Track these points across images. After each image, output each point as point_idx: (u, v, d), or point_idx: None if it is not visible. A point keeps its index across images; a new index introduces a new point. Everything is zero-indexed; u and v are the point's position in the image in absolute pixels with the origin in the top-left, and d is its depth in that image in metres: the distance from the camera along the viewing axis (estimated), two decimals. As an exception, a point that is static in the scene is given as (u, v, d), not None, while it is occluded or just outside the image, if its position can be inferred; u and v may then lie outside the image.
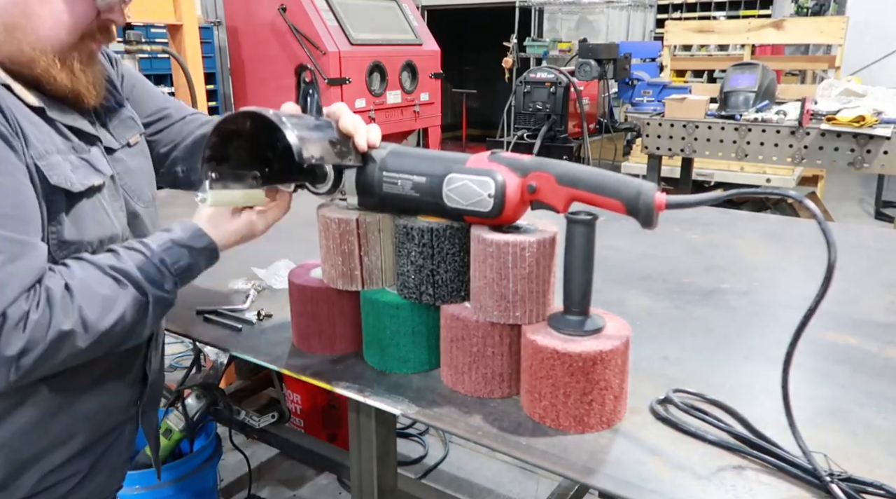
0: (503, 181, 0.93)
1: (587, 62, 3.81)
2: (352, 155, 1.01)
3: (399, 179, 1.00)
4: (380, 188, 1.01)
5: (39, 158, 0.93)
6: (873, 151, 2.85)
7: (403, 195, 0.99)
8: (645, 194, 0.84)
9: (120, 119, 1.14)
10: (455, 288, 1.01)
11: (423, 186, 0.98)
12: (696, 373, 1.09)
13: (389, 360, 1.09)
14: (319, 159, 0.95)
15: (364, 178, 1.03)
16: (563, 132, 3.86)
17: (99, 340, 0.90)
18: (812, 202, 0.77)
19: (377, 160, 1.02)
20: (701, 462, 0.86)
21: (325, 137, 0.99)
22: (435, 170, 0.97)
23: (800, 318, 0.76)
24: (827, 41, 5.37)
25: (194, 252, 1.00)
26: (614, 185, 0.87)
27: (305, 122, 0.98)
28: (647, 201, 0.84)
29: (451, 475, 2.68)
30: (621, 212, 0.87)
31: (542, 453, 0.88)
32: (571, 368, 0.89)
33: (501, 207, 0.93)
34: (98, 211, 1.01)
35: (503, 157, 0.96)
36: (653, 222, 0.85)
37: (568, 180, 0.90)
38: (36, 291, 0.85)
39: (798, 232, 1.96)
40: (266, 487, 2.65)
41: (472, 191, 0.94)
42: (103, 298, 0.90)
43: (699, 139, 3.29)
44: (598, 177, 0.89)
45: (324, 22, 4.69)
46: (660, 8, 7.93)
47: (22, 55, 0.95)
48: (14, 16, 0.93)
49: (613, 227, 1.92)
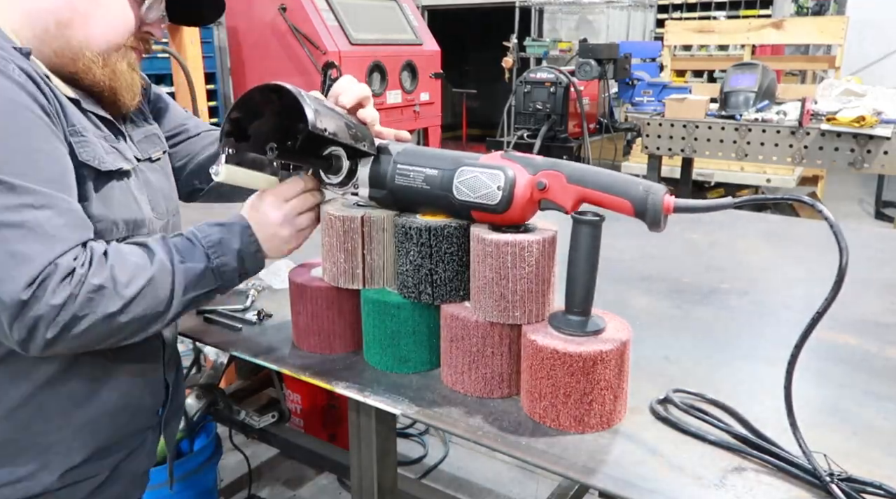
0: (513, 175, 0.93)
1: (587, 62, 3.81)
2: (367, 141, 1.03)
3: (412, 171, 1.01)
4: (392, 180, 1.02)
5: (73, 135, 0.97)
6: (873, 151, 2.85)
7: (414, 187, 1.01)
8: (654, 196, 0.84)
9: (146, 134, 1.17)
10: (454, 288, 1.01)
11: (434, 179, 0.99)
12: (696, 373, 1.09)
13: (390, 360, 1.09)
14: (332, 134, 0.96)
15: (378, 169, 1.04)
16: (563, 132, 3.85)
17: (128, 304, 0.92)
18: (821, 205, 0.76)
19: (392, 153, 1.04)
20: (701, 463, 0.86)
21: (342, 119, 1.00)
22: (447, 163, 0.99)
23: (800, 318, 0.76)
24: (827, 41, 5.38)
25: (226, 228, 1.03)
26: (623, 185, 0.87)
27: (325, 103, 1.00)
28: (656, 203, 0.84)
29: (451, 475, 2.68)
30: (629, 214, 0.87)
31: (542, 453, 0.88)
32: (571, 368, 0.89)
33: (510, 201, 0.93)
34: (126, 195, 1.05)
35: (516, 155, 0.97)
36: (660, 224, 0.85)
37: (577, 179, 0.90)
38: (83, 249, 0.90)
39: (798, 232, 1.96)
40: (266, 487, 2.65)
41: (481, 183, 0.95)
42: (134, 264, 0.94)
43: (699, 139, 3.29)
44: (607, 177, 0.89)
45: (324, 22, 4.69)
46: (660, 8, 7.91)
47: (68, 50, 1.00)
48: (69, 13, 0.98)
49: (614, 227, 1.92)
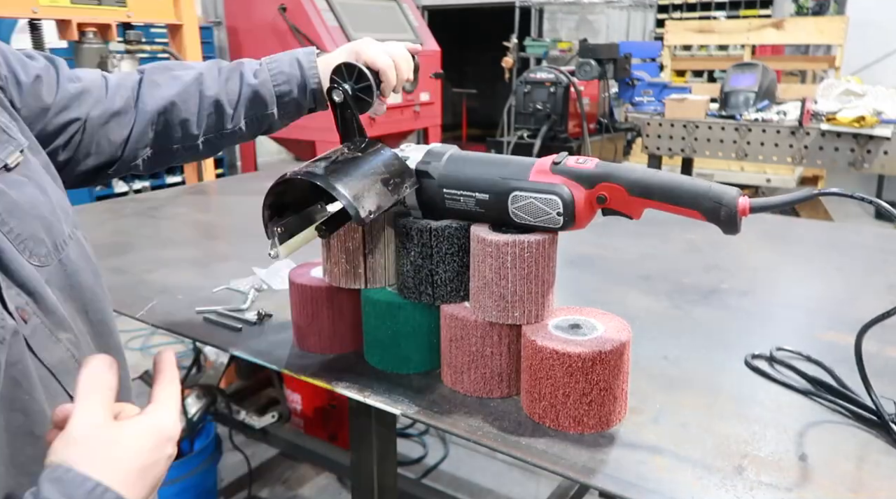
0: (571, 197, 0.89)
1: (587, 62, 3.81)
2: (407, 181, 0.97)
3: (461, 196, 0.96)
4: (442, 204, 0.99)
5: None
6: (873, 151, 2.85)
7: (468, 210, 0.97)
8: (728, 203, 0.82)
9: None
10: (454, 288, 1.01)
11: (487, 203, 0.95)
12: (696, 373, 1.09)
13: (390, 360, 1.09)
14: (377, 211, 0.91)
15: (424, 196, 1.00)
16: (563, 132, 3.85)
17: None
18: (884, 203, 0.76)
19: (435, 176, 0.98)
20: (701, 462, 0.86)
21: (377, 177, 0.94)
22: (497, 186, 0.94)
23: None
24: (827, 41, 5.37)
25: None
26: (692, 194, 0.84)
27: (353, 166, 0.93)
28: (731, 210, 0.82)
29: (451, 475, 2.68)
30: (700, 219, 0.84)
31: (542, 453, 0.88)
32: (571, 368, 0.89)
33: (572, 221, 0.91)
34: None
35: (568, 167, 0.91)
36: (737, 228, 0.83)
37: (640, 191, 0.87)
38: None
39: (798, 232, 1.96)
40: (266, 487, 2.65)
41: (539, 209, 0.92)
42: None
43: (699, 139, 3.30)
44: (672, 186, 0.85)
45: (324, 22, 4.70)
46: (660, 8, 7.91)
47: None
48: None
49: (614, 227, 1.93)
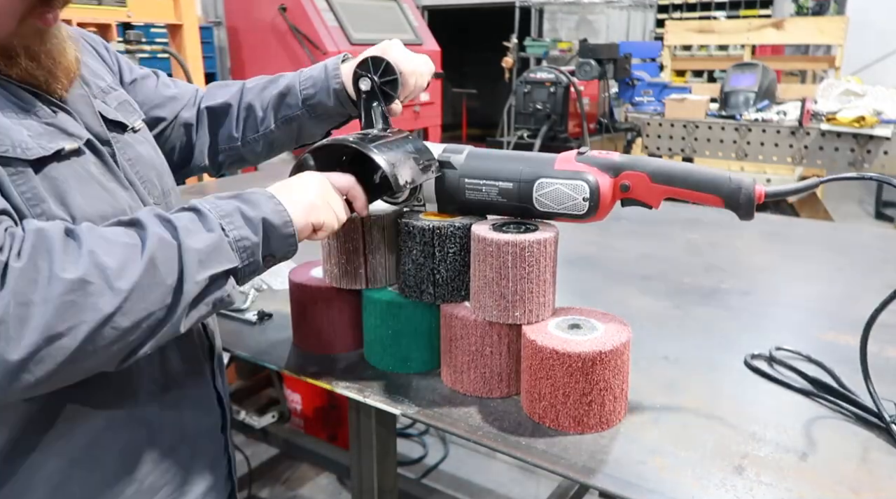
0: (597, 183, 0.92)
1: (587, 62, 3.80)
2: (432, 165, 0.99)
3: (483, 185, 0.98)
4: (462, 195, 1.00)
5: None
6: (873, 151, 2.85)
7: (488, 201, 0.99)
8: (746, 190, 0.88)
9: (118, 101, 1.00)
10: (456, 287, 1.01)
11: (510, 192, 0.97)
12: (696, 373, 1.09)
13: (390, 359, 1.09)
14: (412, 183, 0.94)
15: (444, 185, 1.01)
16: (563, 132, 3.84)
17: (129, 302, 0.68)
18: None
19: (457, 167, 1.00)
20: (701, 463, 0.86)
21: (409, 155, 0.96)
22: (522, 175, 0.96)
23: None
24: (827, 41, 5.37)
25: (241, 198, 0.82)
26: (711, 181, 0.89)
27: (384, 142, 0.96)
28: (749, 196, 0.88)
29: (451, 475, 2.68)
30: (719, 206, 0.90)
31: (542, 453, 0.88)
32: (571, 368, 0.89)
33: (596, 209, 0.93)
34: (85, 182, 0.82)
35: (592, 157, 0.95)
36: (752, 214, 0.89)
37: (663, 179, 0.92)
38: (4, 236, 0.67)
39: (798, 232, 1.96)
40: (266, 487, 2.65)
41: (564, 195, 0.94)
42: (123, 245, 0.70)
43: (699, 139, 3.30)
44: (693, 174, 0.91)
45: (324, 22, 4.69)
46: (660, 8, 7.91)
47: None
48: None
49: (614, 227, 1.93)
